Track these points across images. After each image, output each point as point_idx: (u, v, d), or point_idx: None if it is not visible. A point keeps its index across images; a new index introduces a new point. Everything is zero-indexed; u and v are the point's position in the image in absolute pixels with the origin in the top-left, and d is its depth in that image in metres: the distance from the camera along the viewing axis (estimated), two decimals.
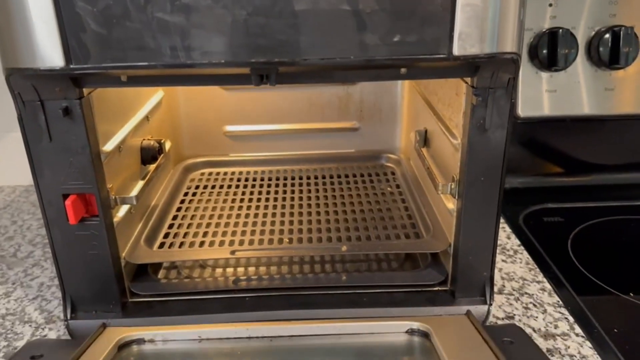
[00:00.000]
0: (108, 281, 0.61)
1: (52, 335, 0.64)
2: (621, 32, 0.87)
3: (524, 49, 0.89)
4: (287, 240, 0.70)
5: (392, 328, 0.59)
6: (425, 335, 0.58)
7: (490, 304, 0.63)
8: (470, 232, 0.60)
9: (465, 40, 0.48)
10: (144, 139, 0.73)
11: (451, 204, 0.63)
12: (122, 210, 0.64)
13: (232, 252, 0.66)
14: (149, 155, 0.72)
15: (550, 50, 0.89)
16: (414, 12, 0.46)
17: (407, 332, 0.59)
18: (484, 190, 0.58)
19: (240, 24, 0.46)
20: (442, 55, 0.48)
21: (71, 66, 0.48)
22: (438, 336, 0.56)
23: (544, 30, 0.90)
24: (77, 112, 0.54)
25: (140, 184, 0.68)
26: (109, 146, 0.60)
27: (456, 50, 0.48)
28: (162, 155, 0.74)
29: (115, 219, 0.62)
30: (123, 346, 0.58)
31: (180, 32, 0.47)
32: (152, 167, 0.73)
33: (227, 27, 0.47)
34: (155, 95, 0.81)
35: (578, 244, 0.81)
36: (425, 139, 0.76)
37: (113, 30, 0.47)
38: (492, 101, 0.54)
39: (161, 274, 0.70)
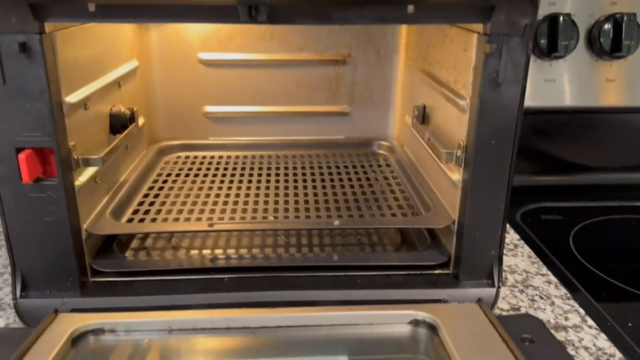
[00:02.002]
0: (65, 255, 0.53)
1: (0, 323, 0.55)
2: (623, 20, 0.84)
3: None
4: (273, 217, 0.62)
5: (393, 318, 0.52)
6: (431, 327, 0.51)
7: (499, 287, 0.56)
8: (478, 205, 0.54)
9: None
10: (114, 106, 0.66)
11: (456, 175, 0.57)
12: (86, 175, 0.57)
13: (211, 225, 0.58)
14: (118, 123, 0.65)
15: (550, 37, 0.85)
16: None
17: (410, 323, 0.52)
18: (495, 155, 0.52)
19: None
20: None
21: None
22: (447, 330, 0.49)
23: (543, 16, 0.86)
24: (37, 50, 0.47)
25: (109, 149, 0.60)
26: (72, 98, 0.53)
27: None
28: (133, 124, 0.67)
29: (77, 183, 0.54)
30: (78, 338, 0.49)
31: None
32: (121, 137, 0.65)
33: None
34: (129, 63, 0.74)
35: (580, 241, 0.77)
36: (423, 115, 0.70)
37: None
38: (506, 51, 0.49)
39: (129, 254, 0.62)
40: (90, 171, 0.57)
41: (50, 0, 0.45)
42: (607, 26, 0.86)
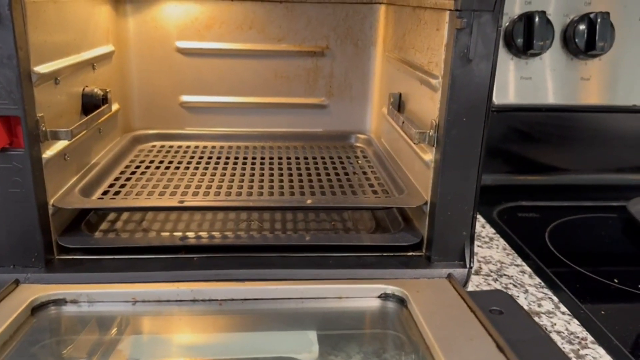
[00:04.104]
0: (30, 229, 0.52)
1: None
2: (597, 19, 0.86)
3: None
4: (246, 195, 0.62)
5: (362, 292, 0.51)
6: (401, 301, 0.50)
7: (471, 267, 0.56)
8: (450, 184, 0.54)
9: None
10: (87, 86, 0.65)
11: (429, 155, 0.57)
12: (54, 149, 0.56)
13: (181, 202, 0.57)
14: (91, 103, 0.64)
15: (526, 35, 0.87)
16: None
17: (380, 297, 0.51)
18: (466, 132, 0.52)
19: None
20: None
21: None
22: (416, 302, 0.48)
23: (519, 15, 0.87)
24: (5, 14, 0.46)
25: (78, 124, 0.59)
26: (42, 68, 0.52)
27: None
28: (106, 105, 0.66)
29: (45, 156, 0.53)
30: (38, 307, 0.48)
31: None
32: (93, 114, 0.64)
33: None
34: (104, 46, 0.73)
35: (556, 237, 0.78)
36: (399, 103, 0.71)
37: None
38: (477, 27, 0.49)
39: (97, 235, 0.61)
40: (59, 145, 0.56)
41: None
42: (581, 25, 0.87)
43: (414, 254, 0.58)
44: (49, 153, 0.54)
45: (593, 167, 0.97)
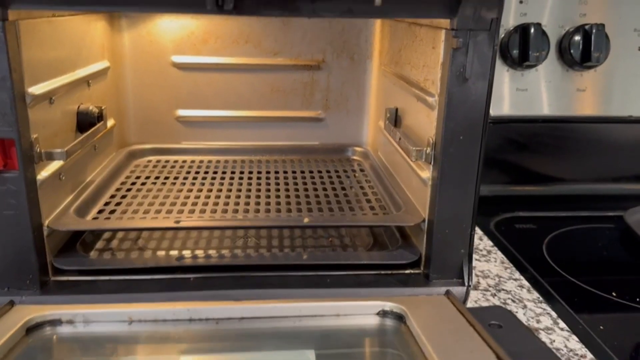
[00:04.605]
0: (25, 251, 0.52)
1: None
2: (592, 30, 0.86)
3: None
4: (242, 216, 0.61)
5: (360, 309, 0.51)
6: (399, 317, 0.50)
7: (469, 285, 0.56)
8: (447, 201, 0.54)
9: None
10: (82, 103, 0.65)
11: (426, 173, 0.57)
12: (49, 169, 0.55)
13: (177, 222, 0.57)
14: (86, 121, 0.64)
15: (521, 46, 0.87)
16: None
17: (378, 314, 0.51)
18: (463, 150, 0.52)
19: None
20: None
21: None
22: (415, 319, 0.48)
23: (514, 26, 0.87)
24: None
25: (73, 144, 0.59)
26: (36, 89, 0.52)
27: None
28: (101, 122, 0.66)
29: (40, 177, 0.53)
30: (33, 328, 0.47)
31: None
32: (89, 132, 0.64)
33: None
34: (99, 62, 0.73)
35: (553, 249, 0.77)
36: (396, 118, 0.70)
37: None
38: (473, 45, 0.49)
39: (92, 255, 0.60)
40: (54, 166, 0.56)
41: None
42: (576, 37, 0.87)
43: (412, 271, 0.58)
44: (43, 174, 0.54)
45: (590, 177, 0.97)
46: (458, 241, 0.55)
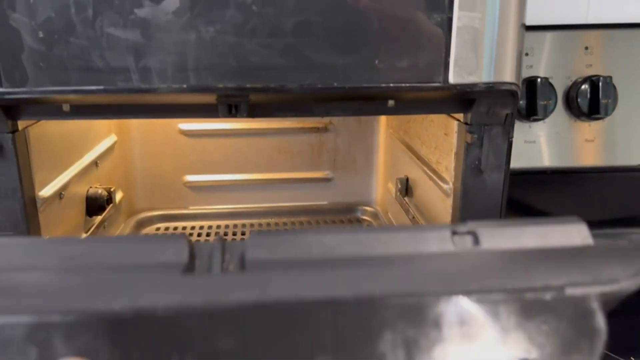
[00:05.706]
0: None
1: None
2: (600, 82, 0.85)
3: None
4: None
5: None
6: None
7: None
8: None
9: (463, 67, 0.43)
10: (90, 187, 0.64)
11: None
12: None
13: None
14: (95, 205, 0.63)
15: (528, 100, 0.86)
16: (404, 33, 0.41)
17: None
18: None
19: (206, 42, 0.40)
20: (436, 84, 0.43)
21: (2, 90, 0.40)
22: None
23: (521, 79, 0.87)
24: (9, 149, 0.46)
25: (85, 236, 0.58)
26: (46, 191, 0.52)
27: (452, 78, 0.43)
28: (111, 205, 0.65)
29: None
30: None
31: (135, 50, 0.40)
32: (98, 219, 0.63)
33: (190, 45, 0.40)
34: (107, 139, 0.72)
35: None
36: (406, 188, 0.70)
37: (54, 48, 0.40)
38: (488, 139, 0.49)
39: None
40: None
41: (23, 102, 0.44)
42: (584, 87, 0.87)
43: None
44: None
45: (596, 222, 0.96)
46: None
